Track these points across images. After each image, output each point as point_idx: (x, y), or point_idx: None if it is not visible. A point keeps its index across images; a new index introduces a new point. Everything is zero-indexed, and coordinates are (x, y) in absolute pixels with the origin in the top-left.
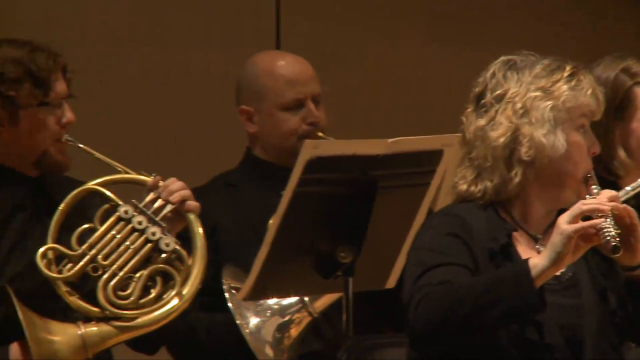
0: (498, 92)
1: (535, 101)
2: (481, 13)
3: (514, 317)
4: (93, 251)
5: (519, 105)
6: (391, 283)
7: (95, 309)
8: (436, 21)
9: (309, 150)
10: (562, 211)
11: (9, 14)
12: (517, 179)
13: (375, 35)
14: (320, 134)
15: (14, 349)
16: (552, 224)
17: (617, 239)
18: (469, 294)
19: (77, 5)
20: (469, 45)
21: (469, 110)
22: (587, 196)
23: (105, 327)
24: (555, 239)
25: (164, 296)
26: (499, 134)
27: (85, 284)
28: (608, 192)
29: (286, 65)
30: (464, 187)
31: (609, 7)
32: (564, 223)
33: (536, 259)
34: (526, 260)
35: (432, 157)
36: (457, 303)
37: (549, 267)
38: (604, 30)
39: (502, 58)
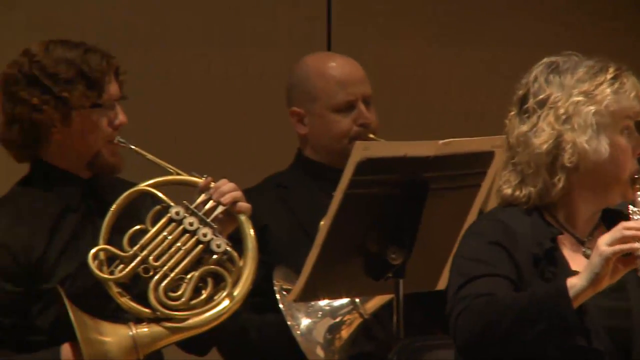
0: (540, 97)
1: (578, 106)
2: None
3: (551, 337)
4: (144, 252)
5: (561, 111)
6: (442, 284)
7: (147, 310)
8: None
9: (359, 151)
10: (606, 211)
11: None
12: (560, 185)
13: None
14: (371, 135)
15: (65, 349)
16: (598, 226)
17: None
18: (507, 312)
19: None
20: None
21: (512, 113)
22: (630, 210)
23: (156, 328)
24: (594, 259)
25: (215, 297)
26: (541, 141)
27: (136, 285)
28: None
29: (337, 66)
30: (508, 191)
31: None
32: (604, 244)
33: (574, 279)
34: (564, 280)
35: (483, 159)
36: (495, 319)
37: (587, 288)
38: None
39: (545, 60)
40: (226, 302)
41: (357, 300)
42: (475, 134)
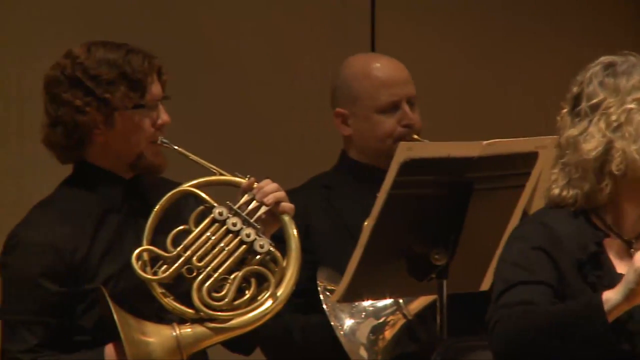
0: (594, 101)
1: (630, 114)
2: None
3: (585, 350)
4: (188, 253)
5: (613, 117)
6: (485, 285)
7: (190, 311)
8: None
9: (403, 152)
10: None
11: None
12: (607, 190)
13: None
14: (415, 136)
15: (109, 350)
16: None
17: None
18: (543, 323)
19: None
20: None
21: (564, 111)
22: None
23: (199, 329)
24: (630, 275)
25: (258, 298)
26: (590, 147)
27: (179, 286)
28: None
29: (381, 67)
30: (556, 191)
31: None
32: (639, 260)
33: (610, 293)
34: (599, 294)
35: (527, 160)
36: (530, 331)
37: (622, 303)
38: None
39: (602, 59)
40: (269, 303)
41: (401, 301)
42: (517, 136)
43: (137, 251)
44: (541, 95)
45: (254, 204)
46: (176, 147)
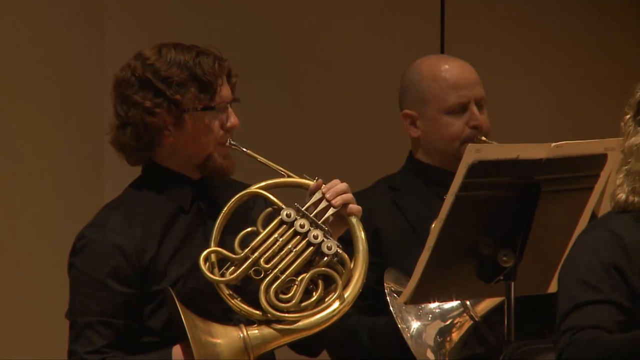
0: None
1: None
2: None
3: None
4: (255, 254)
5: None
6: (553, 287)
7: (257, 312)
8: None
9: (471, 154)
10: None
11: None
12: None
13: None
14: (483, 138)
15: (177, 351)
16: None
17: None
18: (609, 354)
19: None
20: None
21: (628, 117)
22: None
23: (266, 330)
24: None
25: (326, 299)
26: None
27: (247, 287)
28: None
29: (450, 69)
30: (622, 196)
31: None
32: None
33: None
34: None
35: (596, 161)
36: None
37: None
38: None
39: None
40: (336, 304)
41: (468, 302)
42: (585, 138)
43: (204, 253)
44: (609, 98)
45: (322, 205)
46: (245, 150)
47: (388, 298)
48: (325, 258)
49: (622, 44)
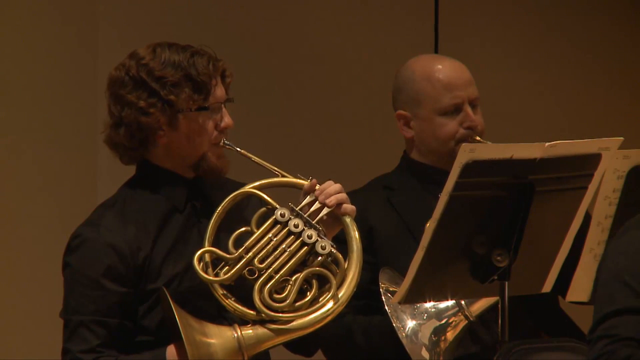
0: None
1: None
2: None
3: None
4: (250, 254)
5: None
6: (547, 287)
7: (251, 312)
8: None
9: (465, 154)
10: None
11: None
12: None
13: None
14: (477, 137)
15: (170, 351)
16: None
17: None
18: None
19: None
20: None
21: None
22: None
23: (260, 330)
24: None
25: (320, 299)
26: None
27: (240, 287)
28: None
29: (443, 69)
30: None
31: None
32: None
33: None
34: None
35: (590, 161)
36: None
37: None
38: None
39: None
40: (330, 304)
41: (463, 302)
42: (580, 138)
43: (198, 252)
44: (604, 97)
45: (316, 205)
46: (239, 149)
47: (383, 298)
48: (320, 258)
49: (616, 43)
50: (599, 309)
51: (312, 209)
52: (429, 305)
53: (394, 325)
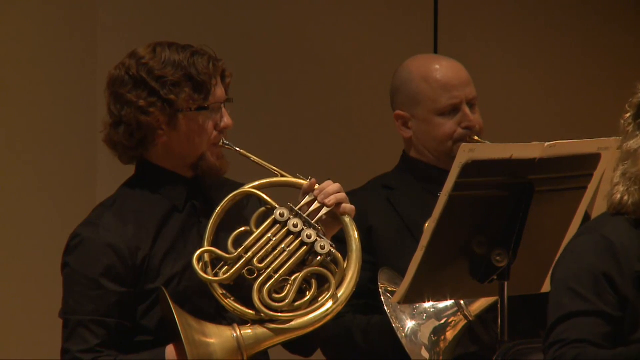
0: None
1: None
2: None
3: None
4: (249, 254)
5: None
6: (546, 287)
7: (250, 312)
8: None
9: (465, 154)
10: None
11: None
12: None
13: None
14: (476, 137)
15: (170, 350)
16: None
17: None
18: None
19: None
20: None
21: (628, 115)
22: None
23: (260, 330)
24: None
25: (319, 299)
26: None
27: (240, 287)
28: None
29: (441, 69)
30: (617, 196)
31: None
32: None
33: None
34: None
35: (589, 161)
36: None
37: None
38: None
39: None
40: (330, 304)
41: (462, 302)
42: (579, 138)
43: (198, 252)
44: (603, 97)
45: (315, 205)
46: (238, 149)
47: (382, 297)
48: (319, 257)
49: (616, 43)
50: (550, 317)
51: (312, 208)
52: (428, 305)
53: (393, 325)
